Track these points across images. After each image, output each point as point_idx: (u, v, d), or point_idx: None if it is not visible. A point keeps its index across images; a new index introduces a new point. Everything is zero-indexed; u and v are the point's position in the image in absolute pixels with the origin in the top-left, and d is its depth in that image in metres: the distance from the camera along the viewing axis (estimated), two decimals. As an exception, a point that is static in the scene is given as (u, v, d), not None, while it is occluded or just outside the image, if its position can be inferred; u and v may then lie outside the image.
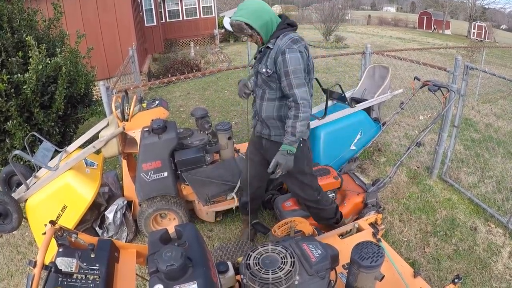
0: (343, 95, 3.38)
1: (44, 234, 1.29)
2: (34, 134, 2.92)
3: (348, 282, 1.59)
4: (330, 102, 3.53)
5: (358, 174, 3.04)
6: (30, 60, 3.18)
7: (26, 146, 2.69)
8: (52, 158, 2.81)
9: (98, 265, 1.33)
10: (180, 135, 2.83)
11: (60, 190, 2.54)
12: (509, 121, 5.39)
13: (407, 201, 3.32)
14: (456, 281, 1.76)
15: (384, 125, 3.43)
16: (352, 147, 3.46)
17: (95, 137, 2.90)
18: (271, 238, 1.99)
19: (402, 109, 3.26)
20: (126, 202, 2.93)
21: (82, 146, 2.92)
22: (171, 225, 2.82)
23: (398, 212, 3.17)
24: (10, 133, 3.30)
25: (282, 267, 1.34)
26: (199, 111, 3.05)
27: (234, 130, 4.92)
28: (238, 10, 1.97)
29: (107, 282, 1.31)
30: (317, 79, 2.95)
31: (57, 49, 3.61)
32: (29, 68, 3.18)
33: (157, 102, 3.02)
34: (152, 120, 2.73)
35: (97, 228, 2.81)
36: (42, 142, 2.85)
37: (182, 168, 2.74)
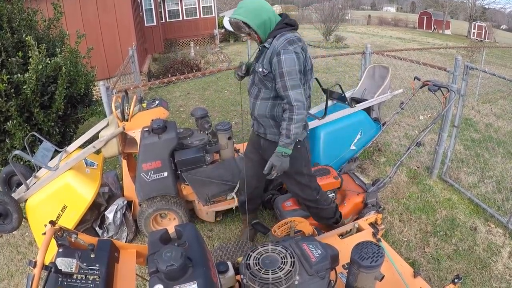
0: (343, 95, 3.38)
1: (44, 234, 1.29)
2: (34, 134, 2.92)
3: (348, 282, 1.59)
4: (330, 102, 3.53)
5: (358, 174, 3.04)
6: (30, 60, 3.18)
7: (26, 146, 2.69)
8: (52, 158, 2.81)
9: (98, 265, 1.33)
10: (180, 135, 2.83)
11: (60, 190, 2.54)
12: (509, 121, 5.39)
13: (407, 201, 3.32)
14: (456, 281, 1.76)
15: (384, 125, 3.43)
16: (352, 147, 3.46)
17: (95, 137, 2.90)
18: (271, 238, 1.99)
19: (402, 109, 3.26)
20: (126, 202, 2.93)
21: (82, 146, 2.92)
22: (171, 225, 2.82)
23: (398, 212, 3.17)
24: (10, 133, 3.30)
25: (282, 267, 1.34)
26: (199, 111, 3.06)
27: (234, 130, 4.92)
28: (237, 9, 1.97)
29: (107, 282, 1.31)
30: (317, 79, 2.95)
31: (57, 49, 3.61)
32: (29, 68, 3.18)
33: (157, 102, 3.03)
34: (152, 120, 2.74)
35: (97, 228, 2.81)
36: (42, 142, 2.85)
37: (182, 168, 2.74)
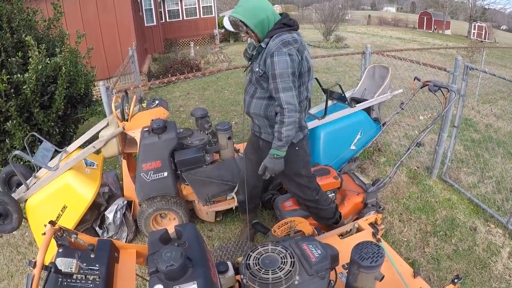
0: (343, 95, 3.38)
1: (44, 234, 1.29)
2: (34, 134, 2.92)
3: (348, 282, 1.59)
4: (330, 102, 3.53)
5: (358, 174, 3.04)
6: (30, 60, 3.18)
7: (26, 146, 2.69)
8: (52, 158, 2.81)
9: (98, 265, 1.33)
10: (180, 135, 2.83)
11: (60, 190, 2.54)
12: (509, 121, 5.39)
13: (407, 201, 3.32)
14: (455, 281, 1.76)
15: (384, 125, 3.43)
16: (352, 147, 3.46)
17: (95, 137, 2.89)
18: (271, 238, 1.99)
19: (402, 109, 3.26)
20: (126, 202, 2.93)
21: (82, 146, 2.92)
22: (171, 225, 2.82)
23: (398, 212, 3.17)
24: (10, 133, 3.30)
25: (282, 267, 1.34)
26: (199, 111, 3.06)
27: (234, 130, 4.92)
28: (236, 7, 1.97)
29: (107, 282, 1.31)
30: (317, 79, 2.95)
31: (56, 49, 3.61)
32: (28, 68, 3.18)
33: (157, 102, 3.03)
34: (152, 120, 2.74)
35: (97, 228, 2.81)
36: (42, 142, 2.85)
37: (182, 168, 2.74)
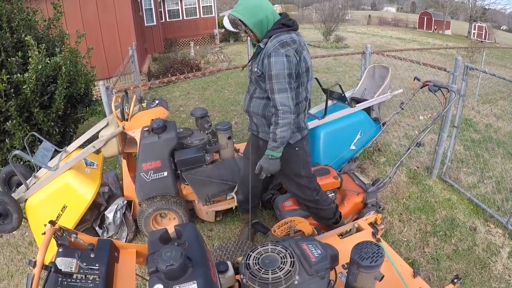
0: (343, 95, 3.38)
1: (44, 234, 1.29)
2: (34, 134, 2.92)
3: (347, 282, 1.59)
4: (330, 102, 3.53)
5: (358, 174, 3.04)
6: (30, 60, 3.18)
7: (26, 146, 2.69)
8: (52, 158, 2.81)
9: (98, 265, 1.33)
10: (180, 135, 2.83)
11: (60, 190, 2.53)
12: (509, 121, 5.39)
13: (407, 201, 3.32)
14: (455, 281, 1.76)
15: (384, 125, 3.43)
16: (352, 147, 3.46)
17: (95, 137, 2.89)
18: (271, 237, 1.99)
19: (402, 109, 3.26)
20: (126, 202, 2.93)
21: (82, 146, 2.92)
22: (171, 224, 2.82)
23: (397, 212, 3.17)
24: (10, 133, 3.30)
25: (282, 267, 1.34)
26: (199, 111, 3.06)
27: (234, 129, 4.92)
28: (236, 6, 1.97)
29: (107, 282, 1.31)
30: (317, 79, 2.95)
31: (56, 49, 3.61)
32: (28, 68, 3.18)
33: (156, 102, 3.03)
34: (152, 119, 2.73)
35: (97, 228, 2.81)
36: (42, 142, 2.85)
37: (182, 167, 2.74)
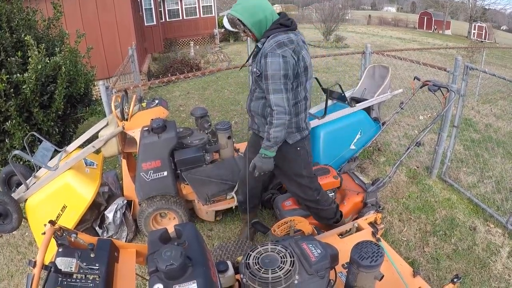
0: (343, 95, 3.38)
1: (43, 234, 1.29)
2: (34, 134, 2.92)
3: (347, 282, 1.59)
4: (330, 102, 3.53)
5: (358, 174, 3.04)
6: (30, 59, 3.18)
7: (26, 146, 2.68)
8: (51, 158, 2.81)
9: (98, 264, 1.33)
10: (179, 135, 2.83)
11: (59, 190, 2.53)
12: (508, 121, 5.39)
13: (407, 200, 3.32)
14: (455, 280, 1.76)
15: (384, 124, 3.43)
16: (351, 147, 3.46)
17: (95, 136, 2.89)
18: (271, 237, 1.99)
19: (402, 109, 3.26)
20: (126, 201, 2.93)
21: (82, 145, 2.91)
22: (171, 224, 2.82)
23: (397, 211, 3.17)
24: (10, 133, 3.30)
25: (282, 267, 1.34)
26: (199, 111, 3.06)
27: (234, 129, 4.92)
28: (235, 5, 1.97)
29: (107, 281, 1.31)
30: (317, 79, 2.95)
31: (56, 48, 3.61)
32: (28, 68, 3.18)
33: (156, 102, 3.03)
34: (151, 119, 2.73)
35: (97, 227, 2.81)
36: (41, 142, 2.85)
37: (181, 167, 2.74)
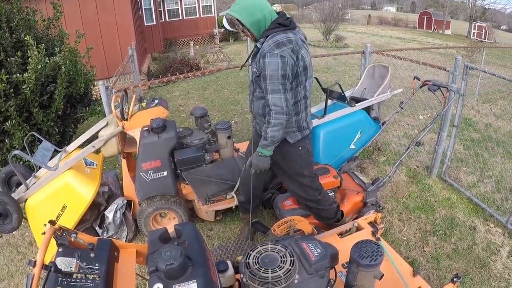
0: (343, 95, 3.38)
1: (43, 234, 1.29)
2: (34, 134, 2.92)
3: (347, 281, 1.59)
4: (329, 102, 3.53)
5: (358, 173, 3.05)
6: (29, 60, 3.17)
7: (26, 146, 2.68)
8: (51, 158, 2.81)
9: (97, 264, 1.33)
10: (179, 134, 2.83)
11: (59, 190, 2.53)
12: (508, 121, 5.39)
13: (407, 200, 3.32)
14: (455, 280, 1.76)
15: (383, 124, 3.43)
16: (351, 146, 3.46)
17: (95, 136, 2.89)
18: (271, 237, 1.99)
19: (402, 108, 3.26)
20: (126, 201, 2.93)
21: (82, 145, 2.92)
22: (171, 224, 2.82)
23: (397, 211, 3.17)
24: (10, 133, 3.30)
25: (282, 266, 1.34)
26: (199, 110, 3.06)
27: (234, 129, 4.92)
28: (233, 5, 1.97)
29: (107, 281, 1.31)
30: (316, 79, 2.95)
31: (56, 48, 3.60)
32: (28, 68, 3.18)
33: (156, 102, 3.03)
34: (151, 119, 2.73)
35: (97, 227, 2.81)
36: (41, 142, 2.85)
37: (181, 167, 2.74)
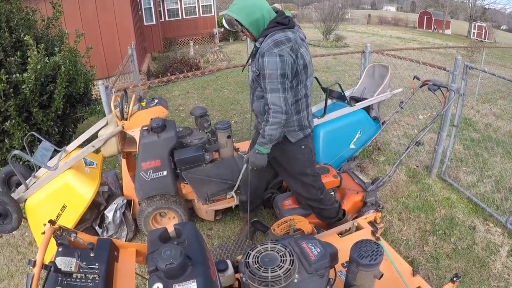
0: (343, 94, 3.38)
1: (43, 233, 1.29)
2: (33, 133, 2.91)
3: (347, 281, 1.59)
4: (329, 101, 3.53)
5: (358, 173, 3.05)
6: (29, 59, 3.17)
7: (25, 146, 2.68)
8: (51, 157, 2.81)
9: (97, 264, 1.33)
10: (179, 134, 2.83)
11: (59, 190, 2.53)
12: (508, 121, 5.39)
13: (406, 200, 3.32)
14: (454, 279, 1.76)
15: (383, 124, 3.43)
16: (351, 146, 3.46)
17: (94, 136, 2.89)
18: (271, 236, 2.00)
19: (402, 108, 3.26)
20: (125, 201, 2.93)
21: (81, 145, 2.91)
22: (171, 224, 2.81)
23: (397, 211, 3.18)
24: (9, 133, 3.30)
25: (281, 266, 1.34)
26: (199, 110, 3.06)
27: (234, 129, 4.92)
28: (231, 5, 1.97)
29: (107, 281, 1.31)
30: (316, 78, 2.95)
31: (56, 48, 3.60)
32: (27, 67, 3.18)
33: (156, 101, 3.03)
34: (151, 119, 2.73)
35: (96, 227, 2.81)
36: (41, 142, 2.84)
37: (181, 166, 2.74)
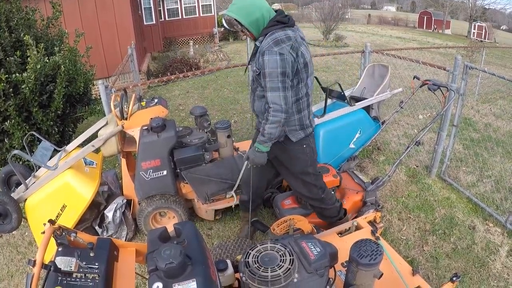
0: (343, 94, 3.38)
1: (43, 233, 1.29)
2: (33, 133, 2.91)
3: (347, 280, 1.59)
4: (329, 101, 3.53)
5: (357, 173, 3.05)
6: (29, 59, 3.17)
7: (25, 145, 2.68)
8: (51, 157, 2.81)
9: (97, 264, 1.33)
10: (179, 134, 2.84)
11: (59, 190, 2.53)
12: (508, 121, 5.39)
13: (406, 199, 3.33)
14: (454, 279, 1.76)
15: (383, 124, 3.44)
16: (351, 146, 3.47)
17: (94, 136, 2.89)
18: (270, 236, 2.00)
19: (402, 108, 3.26)
20: (125, 201, 2.93)
21: (81, 145, 2.92)
22: (171, 223, 2.81)
23: (397, 210, 3.18)
24: (9, 133, 3.30)
25: (281, 265, 1.35)
26: (198, 110, 3.06)
27: (233, 128, 4.92)
28: (230, 5, 1.96)
29: (107, 280, 1.31)
30: (316, 78, 2.95)
31: (55, 48, 3.60)
32: (27, 67, 3.18)
33: (156, 101, 3.03)
34: (151, 118, 2.73)
35: (96, 227, 2.81)
36: (41, 142, 2.84)
37: (181, 166, 2.74)
